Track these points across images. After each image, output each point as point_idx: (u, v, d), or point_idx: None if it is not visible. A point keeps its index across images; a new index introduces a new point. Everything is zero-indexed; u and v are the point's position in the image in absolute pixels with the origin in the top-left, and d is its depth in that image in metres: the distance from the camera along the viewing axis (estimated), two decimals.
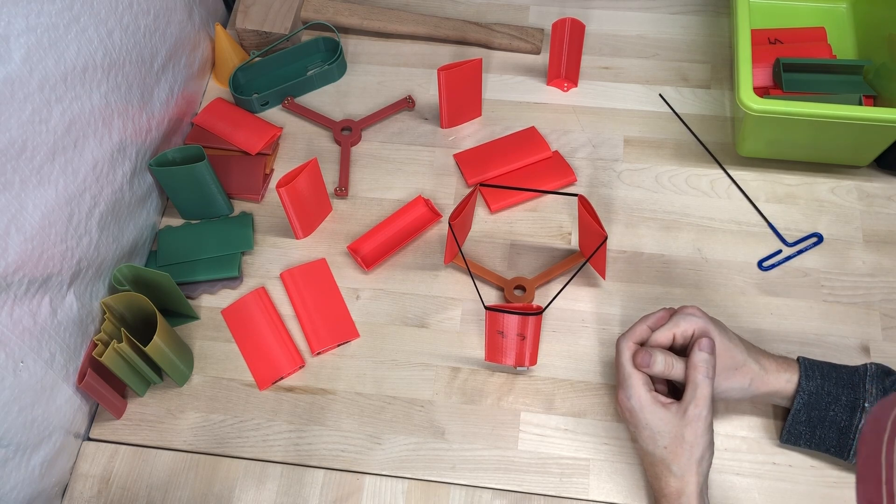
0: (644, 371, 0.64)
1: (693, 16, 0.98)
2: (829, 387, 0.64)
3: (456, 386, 0.74)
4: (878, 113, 0.73)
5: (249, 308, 0.78)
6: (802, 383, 0.64)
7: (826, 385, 0.64)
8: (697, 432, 0.61)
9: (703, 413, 0.62)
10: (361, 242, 0.82)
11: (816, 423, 0.65)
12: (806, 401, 0.64)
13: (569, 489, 0.69)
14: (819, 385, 0.64)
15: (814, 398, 0.64)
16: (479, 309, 0.78)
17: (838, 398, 0.64)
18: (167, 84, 0.83)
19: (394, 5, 0.99)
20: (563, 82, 0.92)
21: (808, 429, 0.65)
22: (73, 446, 0.71)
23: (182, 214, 0.85)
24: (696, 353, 0.63)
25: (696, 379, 0.62)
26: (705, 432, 0.62)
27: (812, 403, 0.64)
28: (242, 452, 0.72)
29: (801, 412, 0.65)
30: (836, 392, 0.64)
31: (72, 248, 0.68)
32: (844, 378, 0.64)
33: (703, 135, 0.87)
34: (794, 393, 0.65)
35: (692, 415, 0.62)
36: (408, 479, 0.70)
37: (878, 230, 0.81)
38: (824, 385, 0.64)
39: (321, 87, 0.94)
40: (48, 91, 0.62)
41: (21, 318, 0.61)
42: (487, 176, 0.85)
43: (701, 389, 0.62)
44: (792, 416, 0.65)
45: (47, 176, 0.63)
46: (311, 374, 0.75)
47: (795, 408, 0.65)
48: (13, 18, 0.57)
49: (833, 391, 0.64)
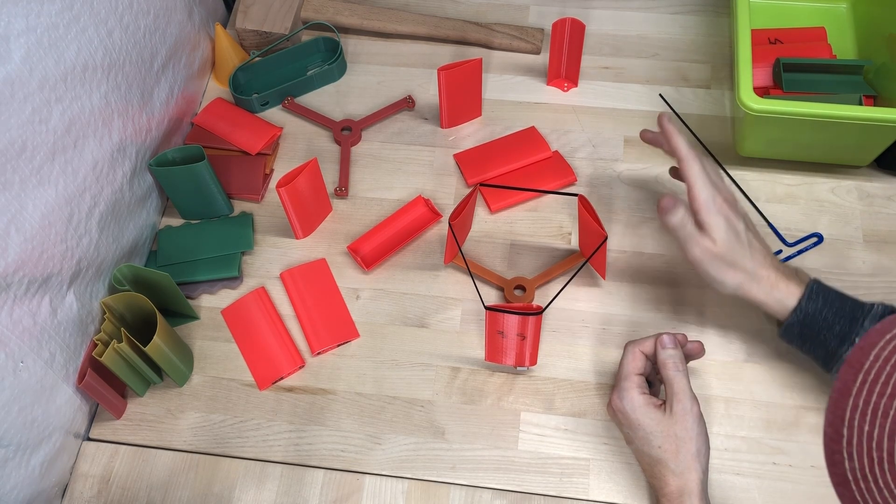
0: (667, 219, 0.65)
1: (693, 16, 0.98)
2: (827, 313, 0.64)
3: (456, 386, 0.74)
4: (878, 113, 0.73)
5: (249, 308, 0.78)
6: (802, 304, 0.64)
7: (825, 311, 0.64)
8: (688, 426, 0.62)
9: (688, 406, 0.62)
10: (361, 242, 0.82)
11: (808, 338, 0.65)
12: (801, 319, 0.65)
13: (569, 489, 0.69)
14: (817, 309, 0.64)
15: (809, 319, 0.64)
16: (479, 309, 0.78)
17: (832, 326, 0.64)
18: (167, 84, 0.83)
19: (394, 5, 0.99)
20: (563, 82, 0.92)
21: (799, 339, 0.66)
22: (73, 446, 0.71)
23: (182, 214, 0.85)
24: (661, 352, 0.65)
25: (668, 376, 0.64)
26: (695, 424, 0.62)
27: (805, 323, 0.65)
28: (242, 452, 0.72)
29: (794, 326, 0.65)
30: (832, 320, 0.64)
31: (72, 248, 0.68)
32: (846, 310, 0.64)
33: (703, 135, 0.87)
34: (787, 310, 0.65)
35: (678, 411, 0.62)
36: (408, 479, 0.70)
37: (878, 230, 0.81)
38: (822, 311, 0.64)
39: (321, 87, 0.94)
40: (48, 91, 0.62)
41: (21, 318, 0.61)
42: (487, 176, 0.85)
43: (677, 384, 0.63)
44: (785, 326, 0.66)
45: (47, 176, 0.63)
46: (311, 374, 0.75)
47: (788, 321, 0.65)
48: (13, 18, 0.57)
49: (829, 318, 0.64)
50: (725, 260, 0.65)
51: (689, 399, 0.63)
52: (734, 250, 0.65)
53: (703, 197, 0.65)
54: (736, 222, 0.66)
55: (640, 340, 0.67)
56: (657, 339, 0.66)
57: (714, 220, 0.64)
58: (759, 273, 0.65)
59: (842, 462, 0.37)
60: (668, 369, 0.64)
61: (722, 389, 0.73)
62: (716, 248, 0.65)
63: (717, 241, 0.64)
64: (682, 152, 0.67)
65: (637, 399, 0.64)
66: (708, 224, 0.65)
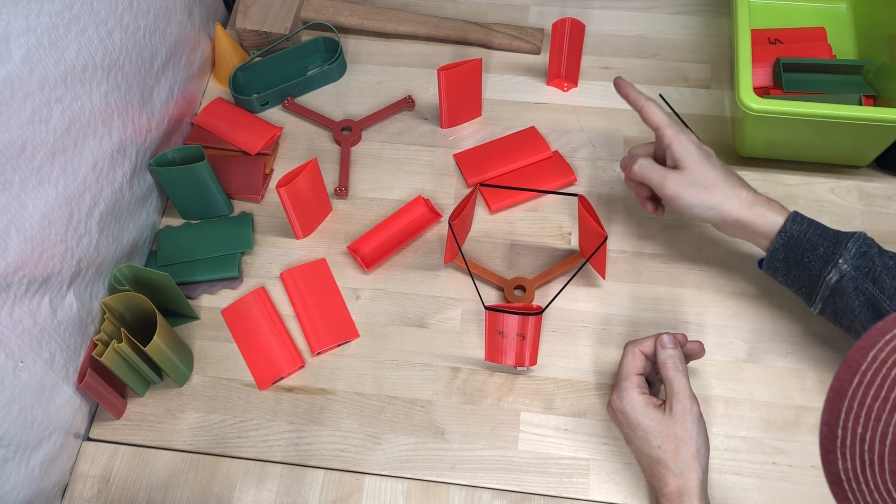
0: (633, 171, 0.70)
1: (693, 16, 0.98)
2: (812, 235, 0.65)
3: (456, 386, 0.74)
4: (878, 113, 0.73)
5: (249, 308, 0.78)
6: (787, 225, 0.65)
7: (808, 233, 0.65)
8: (687, 426, 0.62)
9: (688, 406, 0.63)
10: (361, 242, 0.82)
11: (792, 264, 0.66)
12: (785, 241, 0.65)
13: (569, 489, 0.69)
14: (801, 231, 0.65)
15: (793, 241, 0.65)
16: (479, 309, 0.78)
17: (816, 247, 0.65)
18: (167, 84, 0.83)
19: (394, 5, 0.99)
20: (563, 82, 0.92)
21: (784, 266, 0.67)
22: (73, 446, 0.71)
23: (182, 214, 0.85)
24: (661, 352, 0.65)
25: (668, 376, 0.64)
26: (694, 424, 0.62)
27: (790, 245, 0.65)
28: (242, 452, 0.72)
29: (779, 251, 0.66)
30: (816, 241, 0.65)
31: (72, 248, 0.68)
32: (829, 234, 0.65)
33: (703, 135, 0.87)
34: (771, 233, 0.66)
35: (678, 410, 0.62)
36: (408, 479, 0.70)
37: (878, 230, 0.80)
38: (807, 232, 0.65)
39: (321, 87, 0.94)
40: (48, 91, 0.62)
41: (21, 318, 0.61)
42: (487, 176, 0.85)
43: (677, 384, 0.63)
44: (770, 252, 0.67)
45: (47, 176, 0.63)
46: (311, 374, 0.75)
47: (774, 246, 0.66)
48: (13, 18, 0.57)
49: (813, 239, 0.65)
50: (701, 183, 0.67)
51: (688, 399, 0.63)
52: (707, 172, 0.68)
53: (670, 131, 0.69)
54: (705, 147, 0.69)
55: (639, 340, 0.67)
56: (657, 339, 0.66)
57: (685, 147, 0.68)
58: (738, 192, 0.67)
59: (836, 461, 0.37)
60: (668, 369, 0.64)
61: (722, 389, 0.73)
62: (689, 177, 0.67)
63: (688, 166, 0.68)
64: (642, 102, 0.71)
65: (637, 399, 0.64)
66: (679, 152, 0.68)
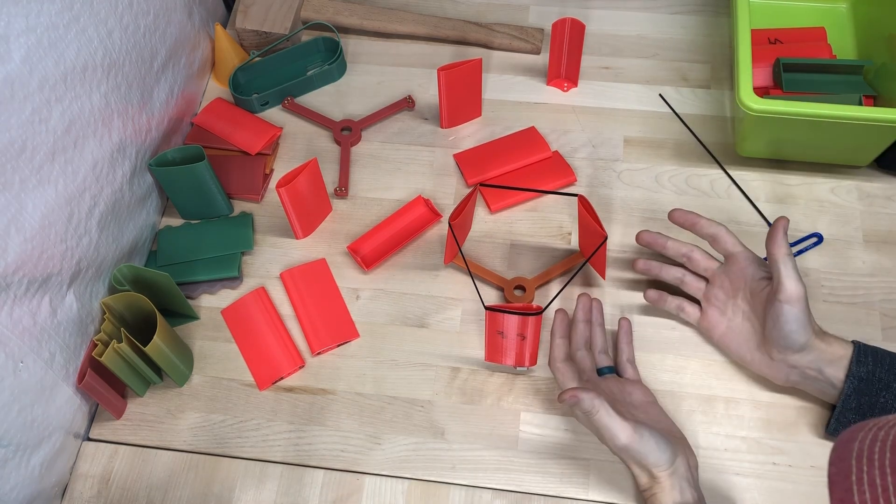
0: None
1: (693, 16, 0.98)
2: (881, 372, 0.61)
3: (456, 386, 0.74)
4: (878, 113, 0.73)
5: (249, 308, 0.78)
6: (853, 368, 0.61)
7: (877, 371, 0.61)
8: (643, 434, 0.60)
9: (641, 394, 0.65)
10: (361, 242, 0.82)
11: (867, 410, 0.61)
12: (856, 386, 0.61)
13: (569, 489, 0.69)
14: (870, 371, 0.61)
15: (864, 384, 0.61)
16: (479, 309, 0.78)
17: (889, 385, 0.61)
18: (167, 84, 0.83)
19: (394, 5, 0.99)
20: (563, 82, 0.92)
21: (857, 416, 0.62)
22: (72, 446, 0.71)
23: (182, 214, 0.85)
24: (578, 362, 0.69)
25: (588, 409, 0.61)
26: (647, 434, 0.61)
27: (862, 389, 0.61)
28: (242, 452, 0.72)
29: (852, 398, 0.61)
30: (888, 378, 0.61)
31: (72, 248, 0.68)
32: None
33: (703, 135, 0.87)
34: (836, 377, 0.62)
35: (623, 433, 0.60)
36: (408, 479, 0.70)
37: (878, 230, 0.81)
38: (875, 371, 0.61)
39: (321, 87, 0.94)
40: (48, 91, 0.62)
41: (21, 318, 0.61)
42: (487, 176, 0.85)
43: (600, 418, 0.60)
44: (842, 402, 0.62)
45: (47, 176, 0.63)
46: (311, 374, 0.75)
47: (846, 393, 0.61)
48: (13, 18, 0.57)
49: (884, 377, 0.61)
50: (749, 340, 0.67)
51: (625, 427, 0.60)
52: None
53: (795, 289, 0.63)
54: None
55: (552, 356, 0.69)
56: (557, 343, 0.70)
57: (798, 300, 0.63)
58: (813, 342, 0.63)
59: None
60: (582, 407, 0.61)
61: (722, 389, 0.73)
62: None
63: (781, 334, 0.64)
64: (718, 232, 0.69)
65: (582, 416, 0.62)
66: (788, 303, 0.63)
